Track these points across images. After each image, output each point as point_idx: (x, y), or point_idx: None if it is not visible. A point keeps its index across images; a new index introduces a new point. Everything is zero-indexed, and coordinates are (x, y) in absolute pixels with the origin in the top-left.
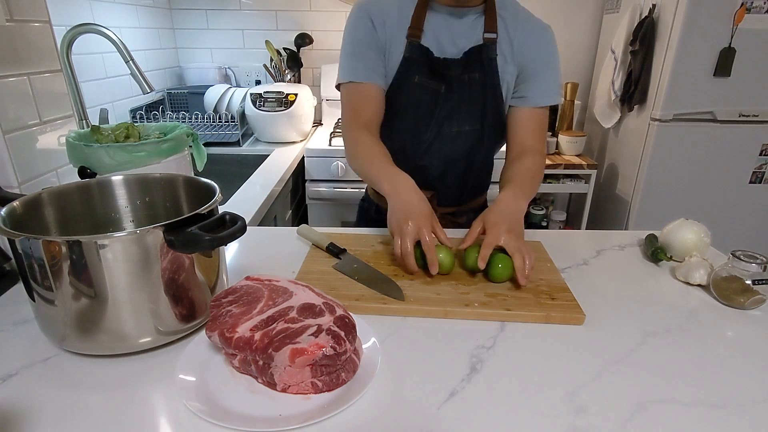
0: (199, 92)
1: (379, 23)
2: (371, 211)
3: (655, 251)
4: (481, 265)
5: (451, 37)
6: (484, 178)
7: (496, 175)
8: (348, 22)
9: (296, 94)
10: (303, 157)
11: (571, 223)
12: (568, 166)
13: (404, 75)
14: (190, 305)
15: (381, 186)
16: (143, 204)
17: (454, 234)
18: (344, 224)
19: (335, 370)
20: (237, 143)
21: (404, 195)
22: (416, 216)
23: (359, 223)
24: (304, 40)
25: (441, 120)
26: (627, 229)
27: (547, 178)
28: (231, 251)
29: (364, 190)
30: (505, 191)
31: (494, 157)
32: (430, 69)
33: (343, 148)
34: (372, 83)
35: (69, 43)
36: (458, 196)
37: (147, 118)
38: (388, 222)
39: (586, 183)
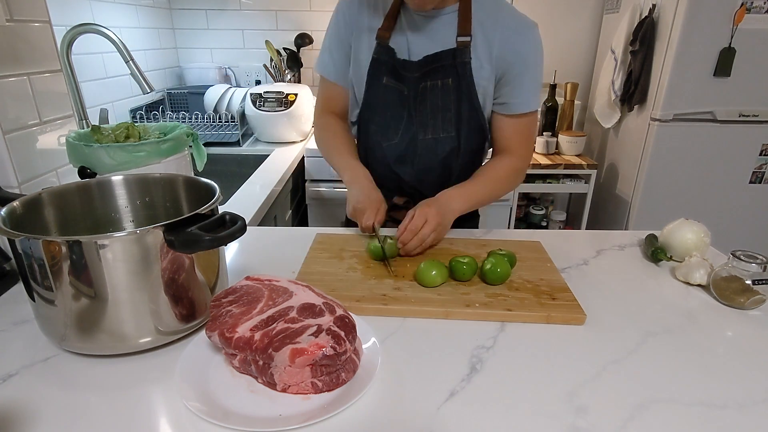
0: (199, 92)
1: (354, 20)
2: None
3: (655, 251)
4: (401, 251)
5: (422, 39)
6: None
7: None
8: (333, 13)
9: (296, 94)
10: (303, 157)
11: (571, 223)
12: (568, 166)
13: (373, 75)
14: (190, 305)
15: (342, 174)
16: (143, 204)
17: (452, 234)
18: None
19: (335, 370)
20: (237, 143)
21: (357, 184)
22: (367, 203)
23: (346, 226)
24: (304, 40)
25: (414, 126)
26: (627, 229)
27: (547, 178)
28: (231, 251)
29: None
30: (451, 189)
31: (480, 164)
32: (394, 71)
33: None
34: (340, 85)
35: (69, 43)
36: None
37: (147, 118)
38: (347, 205)
39: (586, 183)
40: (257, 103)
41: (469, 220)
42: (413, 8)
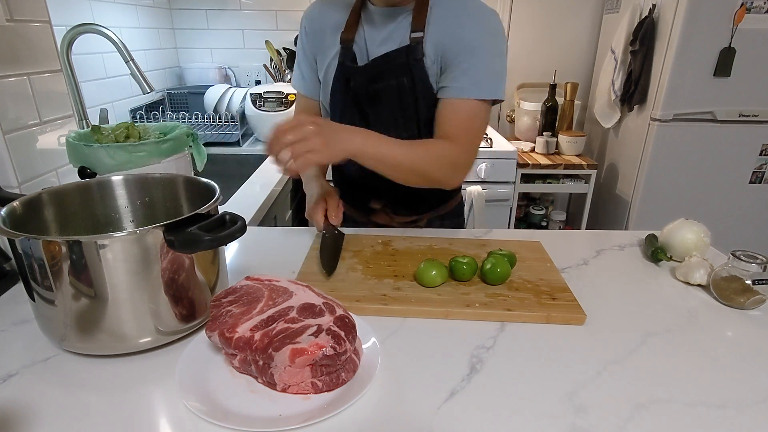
0: (199, 92)
1: (313, 32)
2: None
3: (655, 251)
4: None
5: (379, 39)
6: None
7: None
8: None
9: (296, 94)
10: None
11: (571, 223)
12: (568, 166)
13: (338, 80)
14: (190, 305)
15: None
16: (143, 204)
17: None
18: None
19: (335, 370)
20: (237, 143)
21: (308, 188)
22: (311, 209)
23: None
24: None
25: (377, 129)
26: (627, 229)
27: (547, 178)
28: (231, 251)
29: None
30: (370, 132)
31: None
32: (355, 75)
33: None
34: (312, 99)
35: (69, 43)
36: (414, 205)
37: (147, 118)
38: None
39: (586, 183)
40: (257, 103)
41: (454, 217)
42: (378, 3)
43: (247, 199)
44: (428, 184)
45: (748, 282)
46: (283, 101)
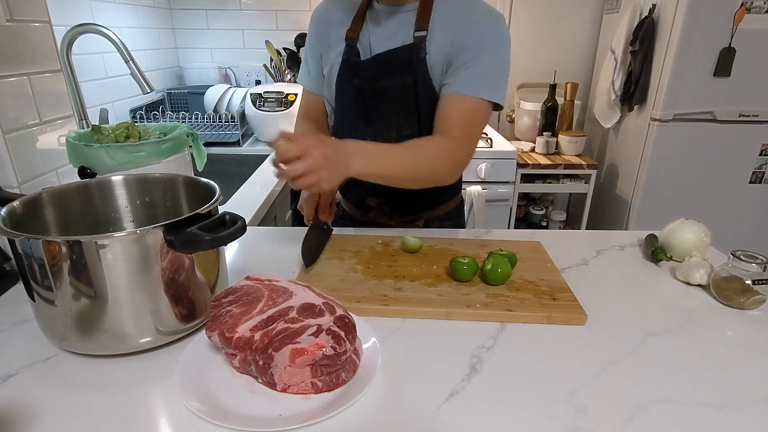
0: (199, 92)
1: (323, 29)
2: (338, 215)
3: (655, 251)
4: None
5: (383, 36)
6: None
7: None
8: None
9: (296, 94)
10: None
11: (571, 223)
12: (568, 166)
13: (343, 77)
14: (190, 305)
15: None
16: (143, 204)
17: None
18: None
19: (335, 370)
20: (237, 143)
21: None
22: (305, 199)
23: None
24: (304, 40)
25: (380, 125)
26: (627, 229)
27: (547, 178)
28: (231, 251)
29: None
30: (368, 143)
31: None
32: (359, 72)
33: None
34: (317, 95)
35: (69, 43)
36: (411, 205)
37: (147, 118)
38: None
39: (586, 183)
40: (257, 103)
41: (454, 217)
42: (383, 1)
43: (247, 199)
44: (428, 185)
45: (748, 282)
46: (283, 101)
